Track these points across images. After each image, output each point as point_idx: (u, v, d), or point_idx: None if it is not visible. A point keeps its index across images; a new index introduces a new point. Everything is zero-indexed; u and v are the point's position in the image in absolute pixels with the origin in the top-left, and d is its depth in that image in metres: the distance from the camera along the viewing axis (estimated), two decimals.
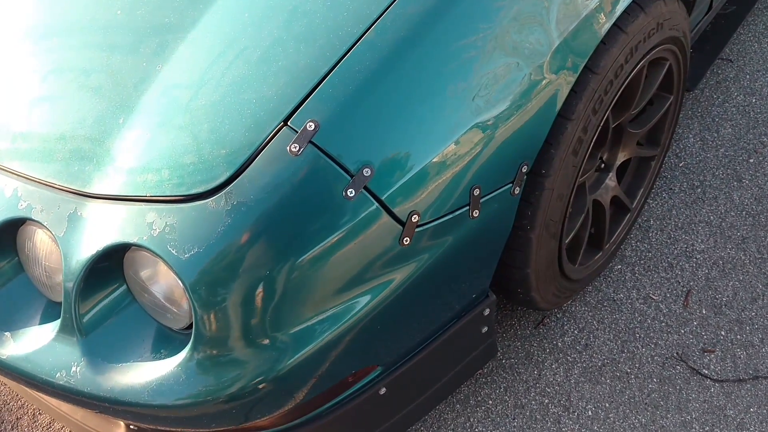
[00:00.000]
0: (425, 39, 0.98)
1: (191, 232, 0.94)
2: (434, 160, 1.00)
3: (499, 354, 1.55)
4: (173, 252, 0.94)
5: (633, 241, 1.71)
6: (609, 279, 1.66)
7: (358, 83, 0.96)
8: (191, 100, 1.02)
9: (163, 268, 0.99)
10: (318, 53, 0.98)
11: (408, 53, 0.98)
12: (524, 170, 1.12)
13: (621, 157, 1.51)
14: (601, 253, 1.54)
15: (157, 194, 0.97)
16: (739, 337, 1.52)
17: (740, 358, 1.49)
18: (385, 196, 0.97)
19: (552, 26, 1.07)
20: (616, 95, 1.24)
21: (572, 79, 1.12)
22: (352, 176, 0.95)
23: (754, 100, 1.93)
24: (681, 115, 1.94)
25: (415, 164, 0.99)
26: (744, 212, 1.72)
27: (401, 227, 1.00)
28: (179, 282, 0.95)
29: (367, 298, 1.03)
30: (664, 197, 1.79)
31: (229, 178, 0.95)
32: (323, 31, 1.00)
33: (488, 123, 1.03)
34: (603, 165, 1.49)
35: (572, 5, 1.08)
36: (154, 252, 0.95)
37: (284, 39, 1.01)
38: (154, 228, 0.96)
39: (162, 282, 1.01)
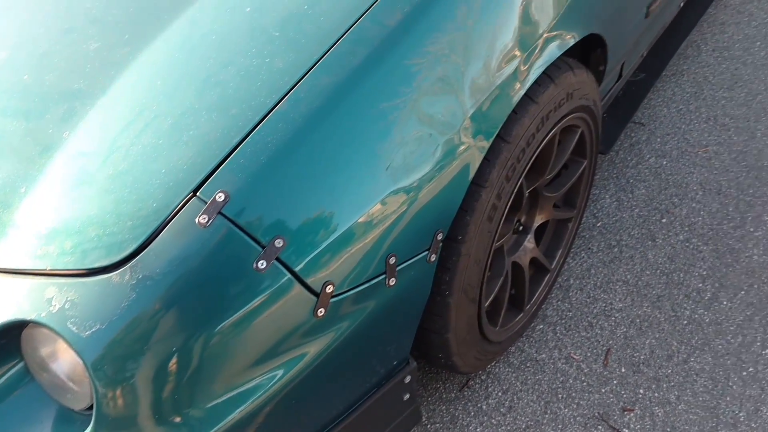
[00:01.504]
0: (338, 110, 0.99)
1: (93, 308, 0.90)
2: (348, 229, 0.99)
3: (423, 419, 1.53)
4: (73, 329, 0.89)
5: (554, 301, 1.74)
6: (531, 339, 1.67)
7: (270, 153, 0.95)
8: (98, 170, 0.99)
9: (62, 345, 0.94)
10: (230, 123, 0.98)
11: (321, 124, 0.98)
12: (440, 237, 1.13)
13: (538, 220, 1.55)
14: (522, 314, 1.56)
15: (58, 268, 0.93)
16: (656, 395, 1.55)
17: (658, 416, 1.51)
18: (298, 267, 0.96)
19: (465, 97, 1.10)
20: (529, 162, 1.27)
21: (485, 147, 1.14)
22: (263, 247, 0.93)
23: (665, 162, 2.02)
24: (597, 177, 2.01)
25: (329, 234, 0.98)
26: (658, 271, 1.78)
27: (315, 298, 0.99)
28: (80, 360, 0.90)
29: (281, 371, 1.00)
30: (583, 257, 1.83)
31: (134, 250, 0.92)
32: (236, 101, 0.99)
33: (402, 192, 1.03)
34: (521, 227, 1.52)
35: (484, 77, 1.11)
36: (53, 329, 0.90)
37: (197, 108, 1.00)
38: (53, 304, 0.91)
39: (62, 360, 0.96)
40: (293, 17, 1.06)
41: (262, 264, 0.93)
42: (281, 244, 0.94)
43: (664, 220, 1.89)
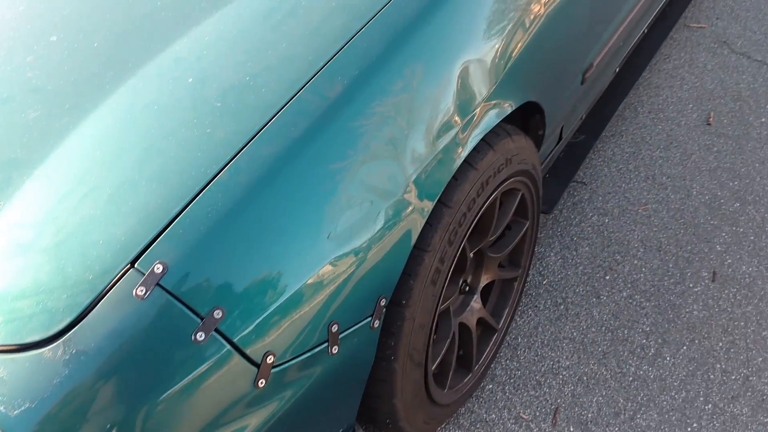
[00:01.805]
0: (279, 179, 1.00)
1: (23, 385, 0.87)
2: (289, 298, 0.99)
3: None
4: (1, 408, 0.86)
5: (503, 360, 1.75)
6: (481, 400, 1.67)
7: (210, 223, 0.95)
8: (33, 241, 0.97)
9: None
10: (170, 193, 0.98)
11: (261, 193, 0.99)
12: (383, 303, 1.13)
13: (484, 280, 1.57)
14: (470, 375, 1.56)
15: None
16: None
17: None
18: (238, 338, 0.95)
19: (406, 164, 1.12)
20: (471, 226, 1.29)
21: (427, 213, 1.16)
22: (202, 319, 0.92)
23: (607, 220, 2.08)
24: (542, 235, 2.05)
25: (269, 304, 0.98)
26: (603, 327, 1.81)
27: (256, 369, 0.98)
28: None
29: None
30: (530, 315, 1.85)
31: (68, 325, 0.90)
32: (177, 171, 1.00)
33: (344, 260, 1.04)
34: (467, 288, 1.54)
35: (425, 145, 1.14)
36: None
37: (136, 178, 1.00)
38: None
39: None
40: (235, 88, 1.08)
41: (200, 336, 0.92)
42: (220, 315, 0.93)
43: (607, 277, 1.93)
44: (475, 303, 1.56)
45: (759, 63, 2.62)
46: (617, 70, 2.20)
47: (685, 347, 1.75)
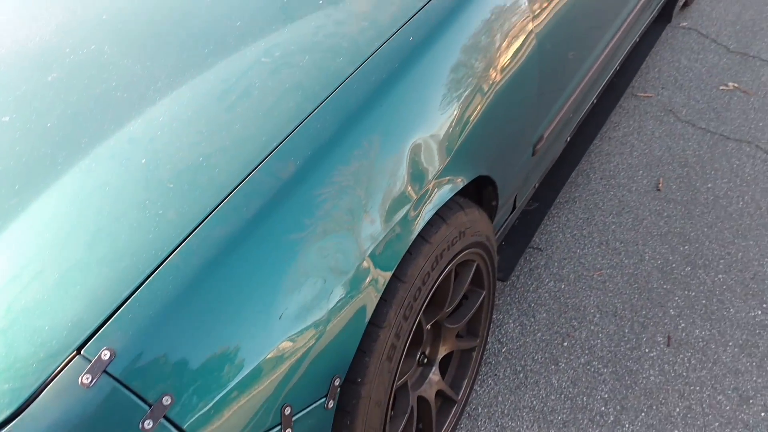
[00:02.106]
0: (231, 261, 1.00)
1: None
2: (240, 382, 0.98)
3: None
4: None
5: (463, 431, 1.74)
6: None
7: (159, 307, 0.94)
8: None
9: None
10: (120, 277, 0.97)
11: (213, 275, 0.98)
12: (337, 383, 1.12)
13: (443, 351, 1.57)
14: None
15: None
16: None
17: None
18: (187, 424, 0.93)
19: (359, 240, 1.13)
20: (426, 299, 1.30)
21: (381, 288, 1.17)
22: (150, 406, 0.90)
23: (563, 286, 2.11)
24: (500, 302, 2.07)
25: (220, 388, 0.96)
26: (563, 395, 1.82)
27: None
28: None
29: None
30: (490, 384, 1.85)
31: (9, 416, 0.87)
32: (127, 253, 0.99)
33: (297, 340, 1.04)
34: (425, 360, 1.54)
35: (378, 221, 1.16)
36: None
37: (86, 261, 0.99)
38: None
39: None
40: (188, 169, 1.09)
41: (148, 424, 0.90)
42: (169, 402, 0.91)
43: (565, 344, 1.95)
44: (434, 375, 1.55)
45: (703, 130, 2.74)
46: (568, 139, 2.27)
47: (643, 413, 1.76)
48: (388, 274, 1.18)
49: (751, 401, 1.79)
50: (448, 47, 1.33)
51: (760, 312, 2.01)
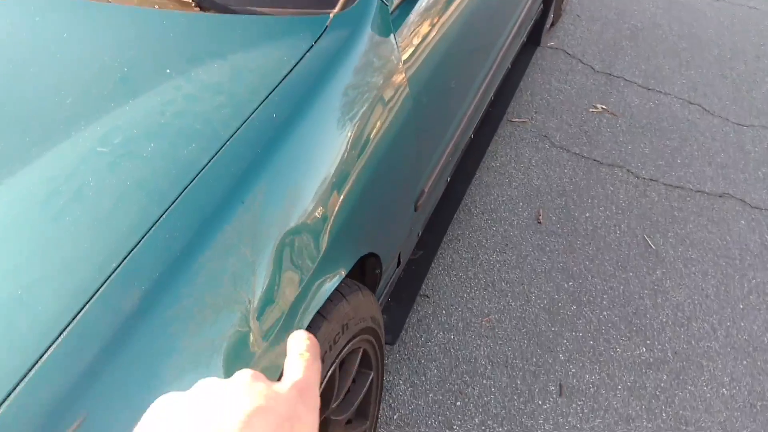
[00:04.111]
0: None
1: None
2: None
3: None
4: None
5: None
6: None
7: None
8: None
9: None
10: None
11: None
12: None
13: None
14: None
15: None
16: None
17: None
18: None
19: (226, 362, 0.97)
20: None
21: None
22: None
23: (452, 337, 2.03)
24: (389, 360, 1.95)
25: None
26: None
27: None
28: None
29: None
30: None
31: None
32: None
33: None
34: None
35: (247, 340, 0.99)
36: None
37: None
38: None
39: None
40: (1, 309, 0.87)
41: None
42: None
43: (458, 403, 1.86)
44: None
45: (577, 156, 2.76)
46: (448, 179, 2.19)
47: None
48: None
49: None
50: (316, 122, 1.18)
51: (644, 349, 2.02)
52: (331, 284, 1.17)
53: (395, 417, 1.82)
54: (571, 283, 2.22)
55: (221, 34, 1.29)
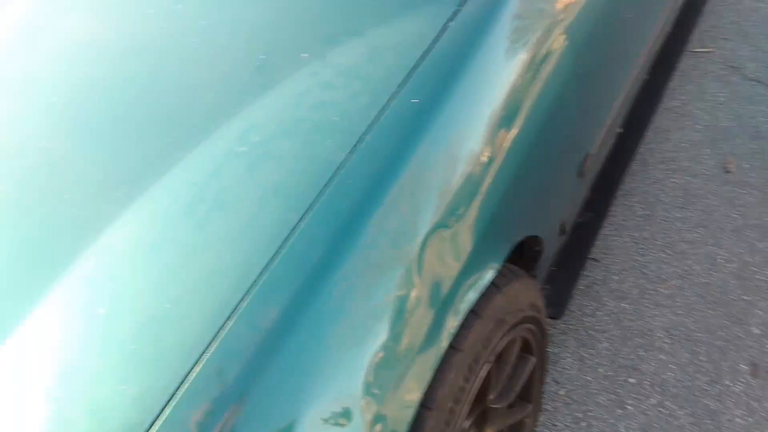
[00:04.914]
0: None
1: None
2: None
3: None
4: None
5: None
6: None
7: None
8: None
9: None
10: None
11: None
12: None
13: None
14: None
15: None
16: None
17: None
18: None
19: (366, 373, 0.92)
20: (460, 418, 1.09)
21: (407, 424, 0.96)
22: None
23: (625, 306, 1.86)
24: (555, 331, 1.84)
25: None
26: None
27: None
28: None
29: None
30: None
31: None
32: None
33: None
34: None
35: (394, 344, 0.94)
36: None
37: None
38: None
39: None
40: (151, 323, 0.88)
41: None
42: None
43: (632, 380, 1.71)
44: None
45: None
46: (619, 131, 1.97)
47: None
48: (410, 411, 0.97)
49: None
50: (461, 102, 1.07)
51: None
52: (483, 280, 1.08)
53: (561, 393, 1.71)
54: (767, 243, 1.94)
55: (357, 9, 1.20)
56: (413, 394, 0.97)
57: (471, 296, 1.06)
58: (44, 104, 1.18)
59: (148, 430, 0.80)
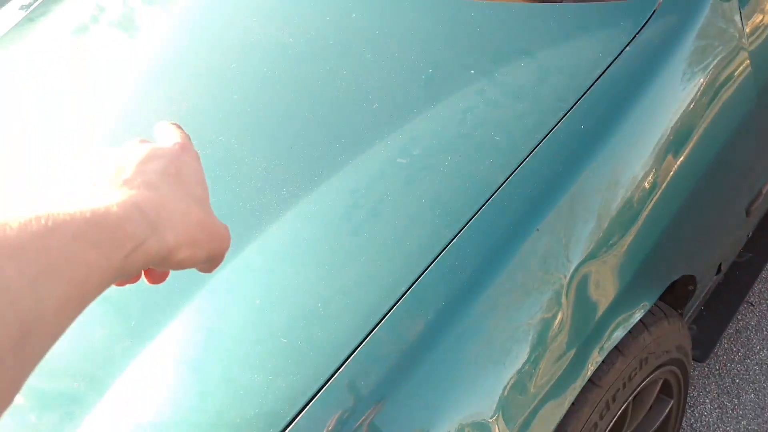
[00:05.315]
0: None
1: None
2: None
3: None
4: None
5: None
6: None
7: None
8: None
9: None
10: None
11: None
12: None
13: None
14: None
15: None
16: None
17: None
18: None
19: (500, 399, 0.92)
20: None
21: None
22: None
23: None
24: (696, 373, 1.74)
25: None
26: None
27: None
28: None
29: None
30: None
31: None
32: None
33: None
34: None
35: (534, 371, 0.93)
36: None
37: None
38: None
39: None
40: (302, 318, 0.93)
41: None
42: None
43: None
44: None
45: None
46: None
47: None
48: None
49: None
50: (630, 131, 1.04)
51: None
52: (633, 319, 1.04)
53: None
54: None
55: (529, 28, 1.19)
56: (546, 425, 0.96)
57: (618, 334, 1.03)
58: (226, 100, 1.27)
59: (290, 422, 0.85)
